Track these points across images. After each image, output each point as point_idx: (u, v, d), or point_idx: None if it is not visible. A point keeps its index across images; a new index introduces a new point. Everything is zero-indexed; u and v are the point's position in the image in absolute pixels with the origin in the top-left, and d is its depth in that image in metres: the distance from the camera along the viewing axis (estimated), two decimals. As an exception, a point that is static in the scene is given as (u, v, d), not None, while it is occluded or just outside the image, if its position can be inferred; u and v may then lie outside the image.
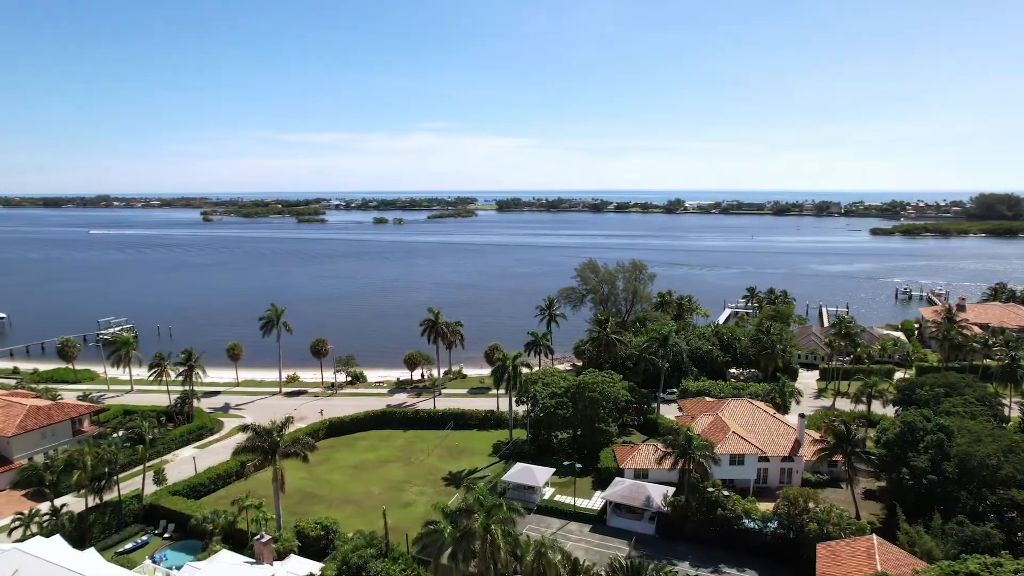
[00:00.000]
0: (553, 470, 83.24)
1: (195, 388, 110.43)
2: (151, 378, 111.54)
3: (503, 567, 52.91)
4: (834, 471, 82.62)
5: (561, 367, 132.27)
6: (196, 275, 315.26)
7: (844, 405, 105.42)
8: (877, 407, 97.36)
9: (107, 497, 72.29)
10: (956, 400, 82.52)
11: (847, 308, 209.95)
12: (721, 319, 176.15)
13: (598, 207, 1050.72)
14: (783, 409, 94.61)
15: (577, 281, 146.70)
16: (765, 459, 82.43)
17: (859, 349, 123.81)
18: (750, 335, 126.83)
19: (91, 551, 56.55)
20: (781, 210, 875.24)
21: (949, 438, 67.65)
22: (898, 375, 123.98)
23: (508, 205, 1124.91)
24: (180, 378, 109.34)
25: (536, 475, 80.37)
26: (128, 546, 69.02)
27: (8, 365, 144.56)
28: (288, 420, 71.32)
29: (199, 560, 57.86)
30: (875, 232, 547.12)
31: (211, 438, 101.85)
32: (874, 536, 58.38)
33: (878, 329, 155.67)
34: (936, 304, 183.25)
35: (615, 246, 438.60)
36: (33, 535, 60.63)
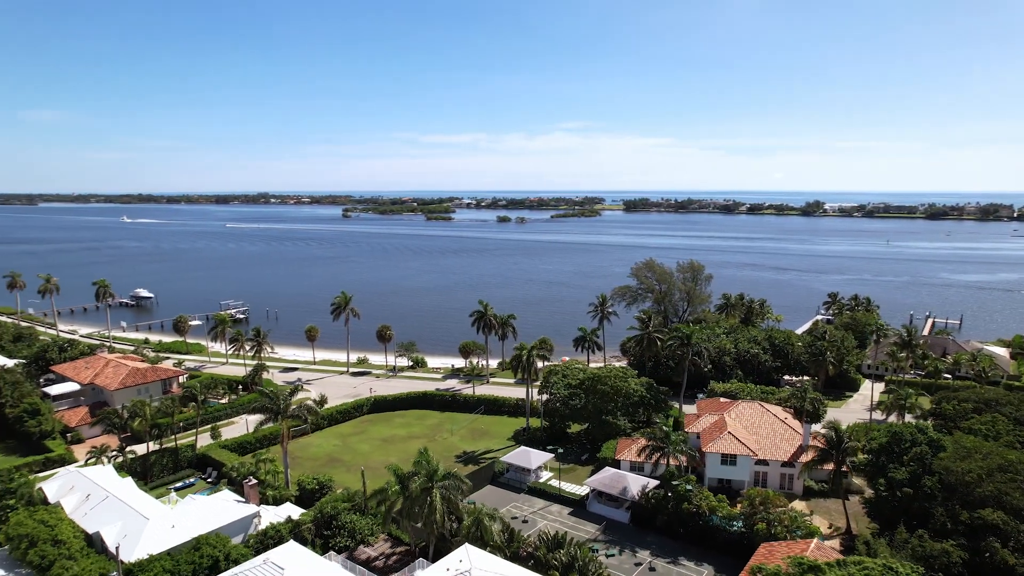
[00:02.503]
0: (550, 455, 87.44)
1: (277, 364, 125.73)
2: (231, 352, 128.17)
3: (440, 527, 59.13)
4: (845, 481, 79.84)
5: (617, 364, 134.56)
6: (316, 267, 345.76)
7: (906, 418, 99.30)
8: (911, 420, 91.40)
9: (167, 444, 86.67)
10: (984, 418, 76.76)
11: (959, 321, 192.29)
12: (804, 327, 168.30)
13: (729, 208, 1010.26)
14: (804, 416, 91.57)
15: (635, 280, 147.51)
16: (763, 463, 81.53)
17: (927, 362, 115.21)
18: (806, 341, 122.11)
19: (129, 480, 69.49)
20: (936, 213, 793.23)
21: (935, 452, 64.39)
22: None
23: (635, 205, 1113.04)
24: (251, 352, 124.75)
25: (531, 458, 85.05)
26: (178, 485, 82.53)
27: (142, 336, 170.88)
28: (296, 388, 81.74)
29: (208, 495, 69.03)
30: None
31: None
32: (815, 540, 58.03)
33: (975, 343, 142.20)
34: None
35: (727, 248, 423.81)
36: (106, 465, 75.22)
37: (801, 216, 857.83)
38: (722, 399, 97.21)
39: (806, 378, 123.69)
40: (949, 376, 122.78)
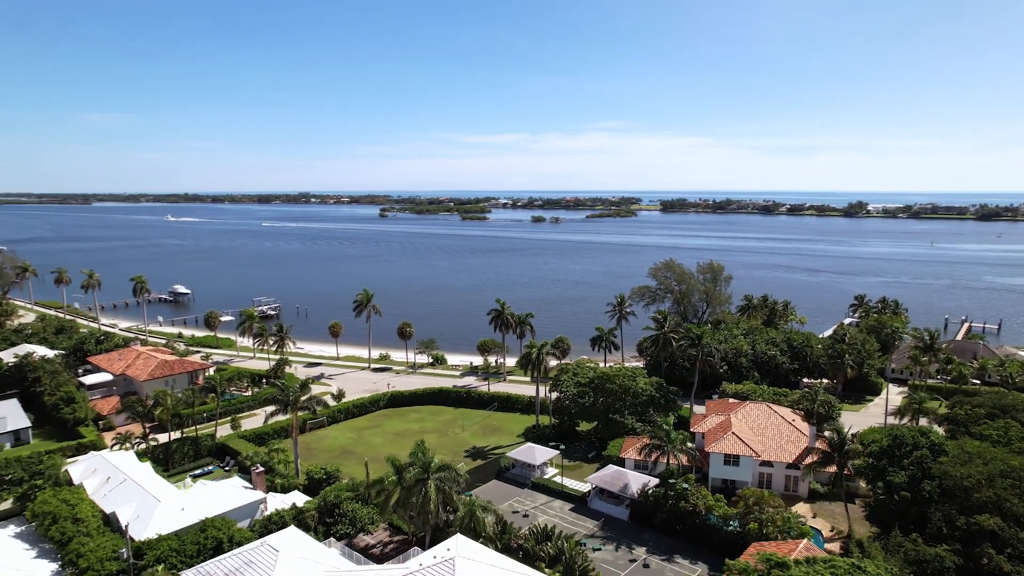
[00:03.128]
0: (556, 452, 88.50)
1: (302, 359, 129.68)
2: (257, 347, 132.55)
3: (435, 517, 61.01)
4: (850, 485, 79.07)
5: (632, 364, 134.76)
6: (348, 265, 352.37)
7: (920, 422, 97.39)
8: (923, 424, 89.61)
9: (188, 434, 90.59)
10: (997, 423, 75.06)
11: (998, 326, 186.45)
12: (830, 330, 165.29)
13: (769, 209, 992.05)
14: (813, 418, 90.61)
15: (654, 281, 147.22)
16: (768, 464, 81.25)
17: (950, 367, 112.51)
18: (825, 344, 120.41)
19: (147, 465, 73.19)
20: (988, 214, 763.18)
21: (936, 456, 63.54)
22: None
23: (672, 206, 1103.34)
24: (275, 347, 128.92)
25: (536, 454, 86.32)
26: (197, 472, 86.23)
27: (177, 331, 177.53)
28: (307, 382, 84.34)
29: (218, 481, 72.23)
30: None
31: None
32: (805, 541, 58.07)
33: (1007, 349, 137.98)
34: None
35: (762, 249, 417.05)
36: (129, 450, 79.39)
37: (843, 217, 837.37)
38: (731, 400, 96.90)
39: (825, 381, 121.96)
40: (978, 382, 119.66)
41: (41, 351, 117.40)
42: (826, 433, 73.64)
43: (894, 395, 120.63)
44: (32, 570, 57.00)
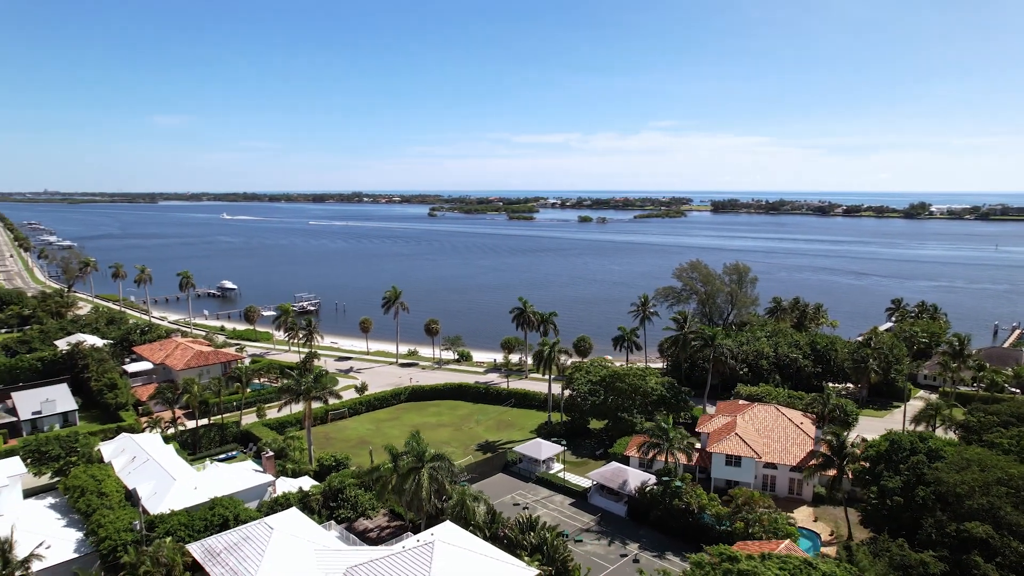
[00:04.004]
0: (562, 448, 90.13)
1: (333, 353, 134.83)
2: (291, 341, 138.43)
3: (427, 504, 63.73)
4: (857, 490, 78.04)
5: (655, 365, 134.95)
6: (390, 263, 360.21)
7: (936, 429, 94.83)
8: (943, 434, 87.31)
9: (215, 420, 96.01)
10: (1011, 431, 72.90)
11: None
12: (862, 335, 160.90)
13: (824, 210, 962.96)
14: (824, 422, 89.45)
15: (680, 282, 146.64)
16: (772, 466, 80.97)
17: (982, 374, 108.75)
18: (851, 348, 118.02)
19: (170, 447, 78.30)
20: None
21: (933, 461, 62.57)
22: None
23: (723, 206, 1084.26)
24: (303, 341, 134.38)
25: (542, 450, 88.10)
26: (221, 456, 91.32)
27: (220, 324, 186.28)
28: (321, 375, 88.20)
29: (230, 464, 76.74)
30: None
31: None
32: (787, 541, 58.32)
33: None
34: None
35: (809, 251, 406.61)
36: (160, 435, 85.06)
37: (903, 219, 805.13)
38: (741, 401, 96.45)
39: (849, 386, 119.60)
40: (1017, 390, 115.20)
41: (91, 340, 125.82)
42: (827, 436, 72.94)
43: (905, 403, 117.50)
44: (61, 537, 62.20)
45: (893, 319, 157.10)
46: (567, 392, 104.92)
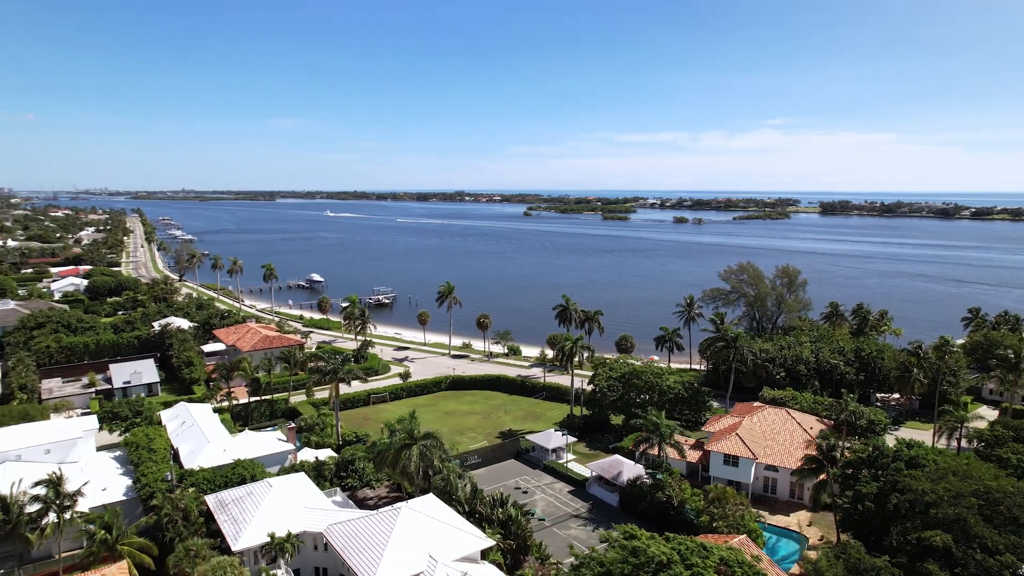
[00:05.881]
0: (569, 440, 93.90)
1: (392, 343, 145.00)
2: (345, 329, 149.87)
3: (417, 478, 70.01)
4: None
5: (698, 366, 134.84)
6: (471, 260, 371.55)
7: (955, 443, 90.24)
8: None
9: (267, 397, 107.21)
10: (1022, 447, 69.64)
11: None
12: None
13: (948, 213, 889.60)
14: (844, 428, 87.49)
15: (728, 284, 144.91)
16: (773, 469, 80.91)
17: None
18: (899, 357, 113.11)
19: (215, 416, 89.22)
20: None
21: (913, 469, 61.53)
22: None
23: (833, 208, 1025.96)
24: (358, 329, 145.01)
25: (552, 439, 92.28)
26: (269, 429, 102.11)
27: (298, 313, 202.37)
28: (348, 358, 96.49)
29: (258, 433, 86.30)
30: None
31: (375, 377, 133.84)
32: (742, 536, 59.72)
33: None
34: None
35: (910, 256, 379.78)
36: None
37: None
38: (756, 404, 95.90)
39: (896, 396, 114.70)
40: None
41: (180, 323, 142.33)
42: (818, 440, 72.52)
43: (990, 415, 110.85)
44: (116, 482, 73.76)
45: (968, 329, 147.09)
46: (589, 387, 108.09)
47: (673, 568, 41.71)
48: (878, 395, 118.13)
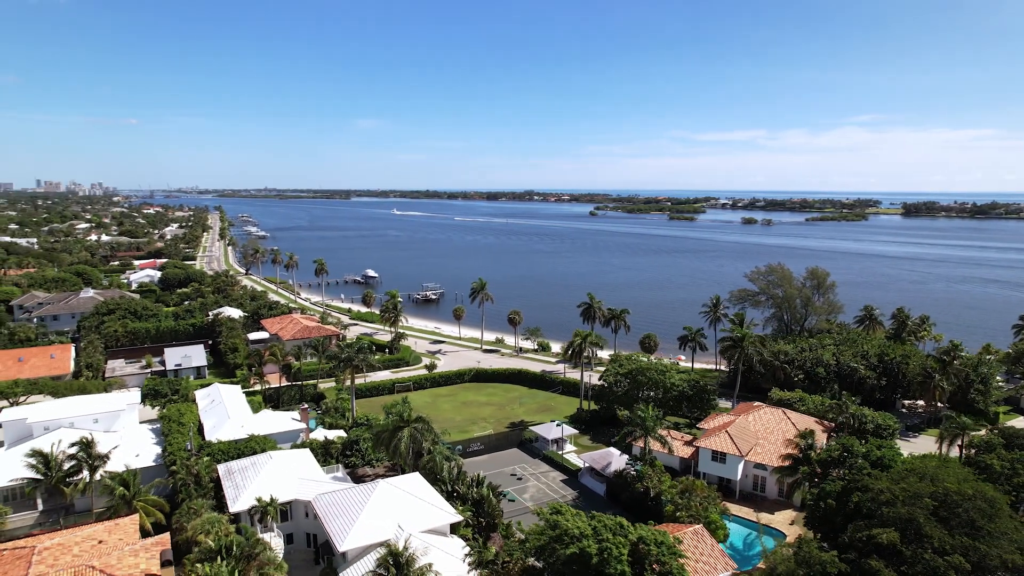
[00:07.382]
0: (573, 431, 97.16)
1: (429, 336, 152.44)
2: (382, 322, 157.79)
3: (407, 458, 75.42)
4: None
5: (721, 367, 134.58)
6: (524, 258, 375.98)
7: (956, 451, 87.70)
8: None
9: (298, 383, 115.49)
10: (1011, 455, 68.09)
11: None
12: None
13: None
14: (844, 430, 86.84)
15: (756, 285, 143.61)
16: (762, 467, 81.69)
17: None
18: (923, 363, 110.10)
19: (242, 396, 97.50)
20: None
21: (879, 469, 61.96)
22: None
23: (916, 209, 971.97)
24: (391, 321, 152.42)
25: (552, 430, 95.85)
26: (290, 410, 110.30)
27: (347, 306, 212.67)
28: (364, 348, 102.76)
29: (274, 413, 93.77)
30: None
31: (405, 367, 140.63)
32: (697, 526, 61.96)
33: None
34: None
35: (990, 261, 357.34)
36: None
37: None
38: (755, 403, 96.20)
39: (920, 403, 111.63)
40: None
41: (232, 312, 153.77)
42: (797, 439, 73.25)
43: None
44: (149, 451, 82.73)
45: (1020, 337, 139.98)
46: (598, 382, 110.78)
47: (584, 541, 45.04)
48: (904, 401, 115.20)
